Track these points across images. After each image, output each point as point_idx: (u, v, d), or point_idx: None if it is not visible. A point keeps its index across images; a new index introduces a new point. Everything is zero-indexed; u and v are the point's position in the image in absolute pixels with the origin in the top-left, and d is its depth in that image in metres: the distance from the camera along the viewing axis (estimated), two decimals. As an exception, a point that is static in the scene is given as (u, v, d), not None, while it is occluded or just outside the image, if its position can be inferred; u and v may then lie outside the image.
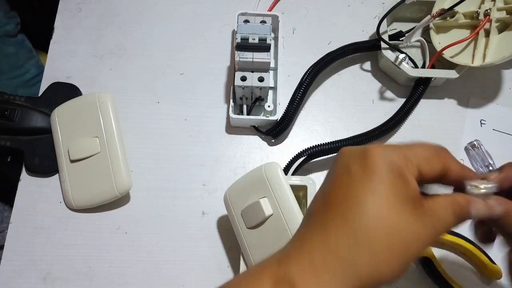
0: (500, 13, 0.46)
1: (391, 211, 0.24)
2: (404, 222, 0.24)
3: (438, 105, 0.52)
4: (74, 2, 0.57)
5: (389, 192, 0.24)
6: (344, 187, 0.25)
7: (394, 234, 0.23)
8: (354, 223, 0.24)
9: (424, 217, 0.25)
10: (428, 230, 0.25)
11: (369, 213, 0.24)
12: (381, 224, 0.23)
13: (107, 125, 0.46)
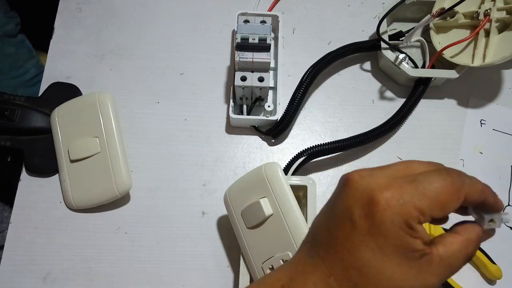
0: (500, 13, 0.46)
1: (393, 271, 0.23)
2: (405, 280, 0.23)
3: (438, 105, 0.52)
4: (74, 2, 0.57)
5: (391, 249, 0.23)
6: (347, 236, 0.24)
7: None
8: (355, 281, 0.24)
9: (432, 268, 0.24)
10: (438, 279, 0.24)
11: (371, 274, 0.23)
12: (380, 280, 0.23)
13: (107, 125, 0.46)
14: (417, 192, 0.23)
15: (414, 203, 0.23)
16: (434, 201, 0.23)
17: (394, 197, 0.23)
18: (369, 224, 0.23)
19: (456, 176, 0.24)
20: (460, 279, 0.44)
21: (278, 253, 0.37)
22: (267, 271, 0.38)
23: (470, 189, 0.24)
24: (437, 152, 0.50)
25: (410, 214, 0.23)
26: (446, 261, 0.24)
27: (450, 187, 0.24)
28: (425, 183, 0.24)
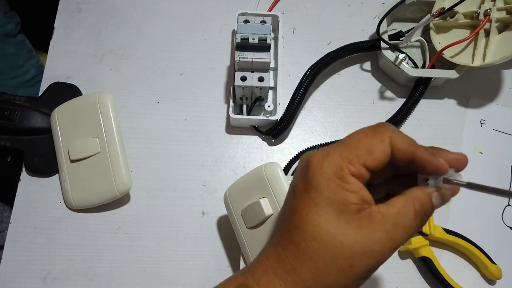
0: (500, 13, 0.46)
1: (330, 225, 0.24)
2: (345, 234, 0.23)
3: (438, 105, 0.52)
4: (74, 2, 0.57)
5: (328, 206, 0.24)
6: (290, 204, 0.26)
7: (335, 247, 0.23)
8: (295, 239, 0.25)
9: (371, 223, 0.24)
10: (385, 235, 0.24)
11: (308, 229, 0.24)
12: (321, 240, 0.24)
13: (107, 125, 0.46)
14: (342, 145, 0.25)
15: (340, 154, 0.24)
16: (357, 147, 0.24)
17: (324, 154, 0.25)
18: (305, 183, 0.25)
19: (379, 124, 0.26)
20: (460, 279, 0.44)
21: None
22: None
23: (394, 134, 0.25)
24: (437, 152, 0.50)
25: (338, 165, 0.24)
26: (391, 218, 0.24)
27: (370, 130, 0.25)
28: (349, 137, 0.25)
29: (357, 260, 0.23)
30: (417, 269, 0.45)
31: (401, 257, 0.46)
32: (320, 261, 0.24)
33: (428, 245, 0.44)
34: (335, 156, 0.24)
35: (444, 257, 0.45)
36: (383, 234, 0.24)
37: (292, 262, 0.25)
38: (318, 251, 0.24)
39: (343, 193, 0.24)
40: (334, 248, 0.24)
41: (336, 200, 0.24)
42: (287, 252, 0.25)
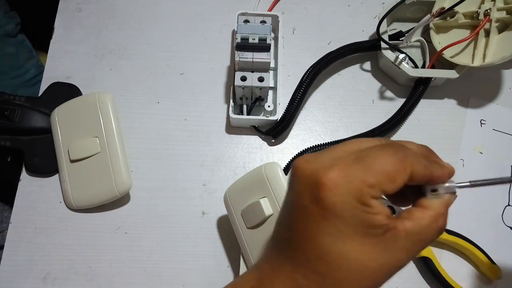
0: (500, 13, 0.46)
1: (357, 253, 0.23)
2: (372, 259, 0.23)
3: (438, 105, 0.52)
4: (74, 2, 0.57)
5: (350, 230, 0.22)
6: (303, 226, 0.24)
7: (363, 273, 0.23)
8: (321, 271, 0.23)
9: (399, 244, 0.23)
10: (407, 255, 0.24)
11: (335, 260, 0.23)
12: (348, 268, 0.23)
13: (107, 125, 0.46)
14: (362, 167, 0.23)
15: (362, 178, 0.22)
16: (380, 173, 0.23)
17: (340, 176, 0.22)
18: (321, 208, 0.23)
19: (399, 147, 0.24)
20: (460, 279, 0.44)
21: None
22: (267, 271, 0.38)
23: (414, 160, 0.24)
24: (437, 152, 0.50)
25: (360, 190, 0.22)
26: (414, 236, 0.24)
27: (394, 157, 0.23)
28: (369, 158, 0.23)
29: (381, 279, 0.24)
30: (417, 269, 0.45)
31: (401, 257, 0.46)
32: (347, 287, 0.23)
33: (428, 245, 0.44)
34: (355, 180, 0.22)
35: (444, 257, 0.45)
36: (406, 252, 0.24)
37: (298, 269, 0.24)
38: (345, 279, 0.23)
39: (369, 218, 0.23)
40: (361, 274, 0.23)
41: (362, 226, 0.23)
42: (310, 282, 0.23)
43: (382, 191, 0.23)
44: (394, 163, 0.23)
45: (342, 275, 0.23)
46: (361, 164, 0.23)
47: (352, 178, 0.22)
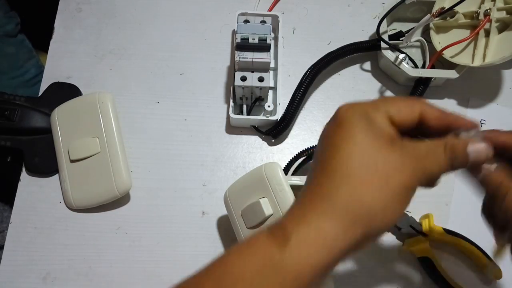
0: (500, 13, 0.46)
1: (363, 147, 0.25)
2: (378, 153, 0.25)
3: (438, 105, 0.52)
4: (74, 2, 0.57)
5: (360, 133, 0.25)
6: (323, 146, 0.27)
7: (370, 166, 0.25)
8: (331, 167, 0.25)
9: (402, 149, 0.26)
10: (410, 161, 0.25)
11: (344, 154, 0.25)
12: (357, 159, 0.25)
13: (107, 125, 0.46)
14: (376, 100, 0.28)
15: (367, 103, 0.27)
16: (386, 103, 0.27)
17: (355, 103, 0.27)
18: (335, 124, 0.27)
19: (414, 99, 0.28)
20: (460, 279, 0.44)
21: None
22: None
23: (425, 104, 0.27)
24: (437, 152, 0.50)
25: (365, 109, 0.26)
26: (422, 149, 0.26)
27: (405, 100, 0.28)
28: (383, 98, 0.29)
29: (392, 177, 0.25)
30: (417, 269, 0.45)
31: (401, 257, 0.46)
32: (357, 180, 0.24)
33: (428, 245, 0.44)
34: (362, 104, 0.27)
35: (444, 257, 0.45)
36: (414, 160, 0.25)
37: (327, 188, 0.25)
38: (355, 170, 0.25)
39: (375, 124, 0.26)
40: (370, 166, 0.25)
41: (370, 130, 0.26)
42: (322, 180, 0.25)
43: (388, 117, 0.26)
44: (403, 100, 0.27)
45: (352, 165, 0.25)
46: (373, 100, 0.28)
47: (360, 103, 0.27)
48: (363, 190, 0.24)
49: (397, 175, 0.25)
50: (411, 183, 0.25)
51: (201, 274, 0.26)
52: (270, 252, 0.23)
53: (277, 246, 0.23)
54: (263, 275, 0.23)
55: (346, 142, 0.26)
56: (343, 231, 0.24)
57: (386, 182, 0.25)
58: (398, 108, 0.26)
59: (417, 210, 0.46)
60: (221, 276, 0.24)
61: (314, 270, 0.23)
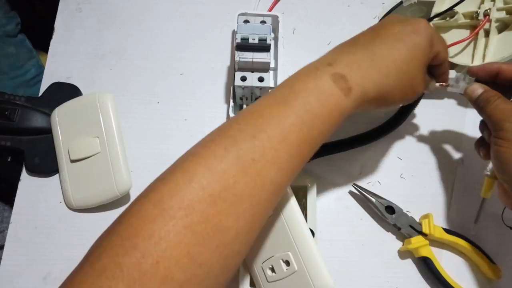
0: (500, 13, 0.46)
1: (407, 60, 0.34)
2: (412, 70, 0.35)
3: (438, 105, 0.52)
4: (74, 2, 0.57)
5: (421, 49, 0.35)
6: (391, 31, 0.35)
7: (403, 72, 0.34)
8: (376, 30, 0.36)
9: (425, 81, 0.38)
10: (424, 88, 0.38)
11: (404, 50, 0.34)
12: (396, 63, 0.34)
13: (107, 125, 0.46)
14: (440, 36, 0.39)
15: (438, 36, 0.38)
16: (444, 44, 0.39)
17: (430, 26, 0.36)
18: (411, 28, 0.35)
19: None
20: (460, 279, 0.44)
21: (278, 253, 0.37)
22: (267, 271, 0.38)
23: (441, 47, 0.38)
24: (437, 152, 0.50)
25: (434, 36, 0.36)
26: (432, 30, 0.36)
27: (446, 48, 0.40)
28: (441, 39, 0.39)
29: (413, 88, 0.36)
30: (417, 269, 0.45)
31: (401, 257, 0.46)
32: (385, 70, 0.33)
33: (428, 245, 0.44)
34: (434, 33, 0.37)
35: (444, 257, 0.45)
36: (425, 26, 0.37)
37: (367, 42, 0.35)
38: (400, 61, 0.34)
39: (430, 49, 0.36)
40: (402, 73, 0.34)
41: (426, 50, 0.36)
42: (364, 37, 0.37)
43: (436, 51, 0.37)
44: (447, 52, 0.39)
45: (389, 66, 0.34)
46: (439, 36, 0.39)
47: (434, 33, 0.37)
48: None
49: (417, 89, 0.37)
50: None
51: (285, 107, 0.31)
52: (338, 98, 0.31)
53: (344, 95, 0.31)
54: (330, 115, 0.31)
55: (411, 44, 0.34)
56: (385, 88, 0.34)
57: (410, 84, 0.36)
58: (442, 51, 0.37)
59: (417, 210, 0.46)
60: (303, 114, 0.30)
61: (355, 109, 0.33)
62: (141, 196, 0.27)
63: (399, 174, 0.49)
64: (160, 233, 0.24)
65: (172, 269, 0.24)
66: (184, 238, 0.25)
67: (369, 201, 0.46)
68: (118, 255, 0.24)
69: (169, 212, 0.25)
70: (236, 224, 0.27)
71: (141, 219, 0.25)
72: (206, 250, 0.25)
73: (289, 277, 0.36)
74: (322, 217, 0.47)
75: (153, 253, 0.24)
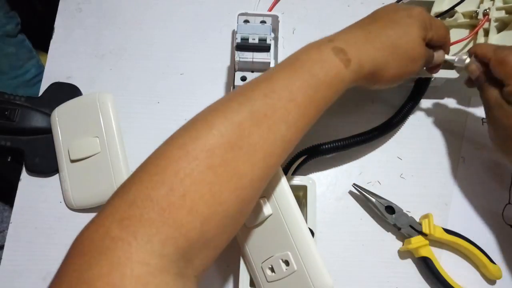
0: (499, 12, 0.46)
1: (400, 35, 0.37)
2: (408, 43, 0.37)
3: (438, 105, 0.52)
4: (74, 2, 0.57)
5: (415, 29, 0.38)
6: (387, 16, 0.38)
7: (398, 46, 0.37)
8: (372, 33, 0.37)
9: (426, 52, 0.39)
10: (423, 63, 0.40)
11: (398, 30, 0.37)
12: (390, 39, 0.37)
13: (107, 125, 0.46)
14: (437, 20, 0.41)
15: (432, 20, 0.40)
16: (439, 30, 0.41)
17: (426, 12, 0.40)
18: (407, 13, 0.39)
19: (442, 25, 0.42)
20: (460, 279, 0.44)
21: (277, 253, 0.37)
22: (267, 271, 0.38)
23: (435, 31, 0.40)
24: (437, 152, 0.50)
25: (428, 18, 0.39)
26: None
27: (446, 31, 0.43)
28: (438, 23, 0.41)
29: (410, 66, 0.39)
30: (417, 269, 0.45)
31: (401, 257, 0.46)
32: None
33: (428, 245, 0.44)
34: (429, 17, 0.40)
35: (444, 257, 0.45)
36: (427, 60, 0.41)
37: (364, 24, 0.38)
38: (399, 41, 0.37)
39: (424, 32, 0.39)
40: (399, 48, 0.37)
41: (421, 32, 0.38)
42: (361, 21, 0.39)
43: (432, 34, 0.40)
44: (445, 35, 0.42)
45: (388, 43, 0.37)
46: (436, 20, 0.41)
47: (429, 17, 0.40)
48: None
49: (415, 60, 0.39)
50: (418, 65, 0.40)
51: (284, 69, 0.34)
52: (339, 68, 0.34)
53: (344, 66, 0.34)
54: (332, 83, 0.34)
55: (405, 25, 0.37)
56: (381, 60, 0.37)
57: (407, 64, 0.39)
58: (437, 35, 0.40)
59: (417, 210, 0.46)
60: (309, 79, 0.33)
61: (355, 80, 0.36)
62: (164, 143, 0.30)
63: (399, 174, 0.49)
64: (185, 171, 0.27)
65: (197, 203, 0.27)
66: (207, 177, 0.28)
67: (369, 201, 0.46)
68: (148, 188, 0.27)
69: (193, 154, 0.28)
70: (251, 171, 0.30)
71: (167, 159, 0.28)
72: (225, 190, 0.28)
73: (288, 277, 0.36)
74: (322, 217, 0.47)
75: (179, 187, 0.27)
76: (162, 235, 0.26)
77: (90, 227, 0.27)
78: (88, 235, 0.27)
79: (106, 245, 0.25)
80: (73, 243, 0.29)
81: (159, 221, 0.26)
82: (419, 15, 0.38)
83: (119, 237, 0.25)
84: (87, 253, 0.26)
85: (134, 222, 0.26)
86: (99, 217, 0.27)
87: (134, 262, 0.24)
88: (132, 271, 0.24)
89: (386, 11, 0.39)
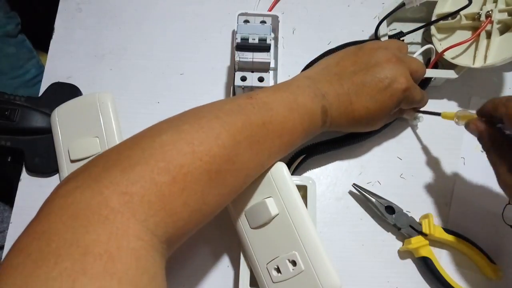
0: (502, 14, 0.45)
1: (376, 112, 0.41)
2: (379, 117, 0.42)
3: (438, 105, 0.52)
4: (74, 2, 0.57)
5: (382, 105, 0.41)
6: (374, 80, 0.40)
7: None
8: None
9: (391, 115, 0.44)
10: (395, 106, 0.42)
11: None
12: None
13: (107, 125, 0.46)
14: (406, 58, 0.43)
15: (404, 58, 0.43)
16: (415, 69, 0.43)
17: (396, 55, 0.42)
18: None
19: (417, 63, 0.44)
20: (460, 279, 0.44)
21: (283, 253, 0.37)
22: (272, 271, 0.38)
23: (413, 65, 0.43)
24: (437, 152, 0.50)
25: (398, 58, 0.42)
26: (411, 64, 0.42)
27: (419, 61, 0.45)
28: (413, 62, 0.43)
29: (384, 111, 0.42)
30: (417, 269, 0.45)
31: (401, 257, 0.46)
32: (371, 87, 0.40)
33: (428, 245, 0.44)
34: (403, 59, 0.43)
35: (444, 257, 0.45)
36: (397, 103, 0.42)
37: (352, 75, 0.41)
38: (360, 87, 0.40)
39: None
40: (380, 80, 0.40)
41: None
42: (352, 67, 0.41)
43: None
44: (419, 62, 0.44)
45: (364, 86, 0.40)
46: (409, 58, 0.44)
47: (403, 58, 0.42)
48: (357, 73, 0.41)
49: (391, 102, 0.41)
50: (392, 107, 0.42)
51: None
52: (319, 124, 0.39)
53: (321, 124, 0.40)
54: (311, 132, 0.40)
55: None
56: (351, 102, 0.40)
57: (380, 114, 0.42)
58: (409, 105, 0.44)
59: (417, 210, 0.46)
60: (282, 132, 0.37)
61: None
62: (170, 129, 0.35)
63: (399, 174, 0.49)
64: (189, 168, 0.30)
65: (191, 198, 0.30)
66: (203, 179, 0.31)
67: (369, 201, 0.46)
68: (153, 172, 0.29)
69: (198, 154, 0.31)
70: (234, 184, 0.34)
71: (174, 151, 0.31)
72: (212, 194, 0.32)
73: (295, 277, 0.36)
74: (322, 217, 0.47)
75: (181, 180, 0.29)
76: (158, 218, 0.28)
77: (83, 191, 0.27)
78: (82, 199, 0.27)
79: (105, 215, 0.26)
80: (57, 201, 0.29)
81: (158, 205, 0.28)
82: (399, 90, 0.40)
83: (118, 210, 0.26)
84: (81, 217, 0.26)
85: (135, 200, 0.27)
86: (96, 183, 0.28)
87: (131, 236, 0.26)
88: (128, 243, 0.26)
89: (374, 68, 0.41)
